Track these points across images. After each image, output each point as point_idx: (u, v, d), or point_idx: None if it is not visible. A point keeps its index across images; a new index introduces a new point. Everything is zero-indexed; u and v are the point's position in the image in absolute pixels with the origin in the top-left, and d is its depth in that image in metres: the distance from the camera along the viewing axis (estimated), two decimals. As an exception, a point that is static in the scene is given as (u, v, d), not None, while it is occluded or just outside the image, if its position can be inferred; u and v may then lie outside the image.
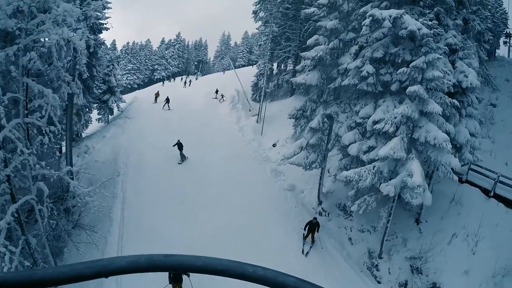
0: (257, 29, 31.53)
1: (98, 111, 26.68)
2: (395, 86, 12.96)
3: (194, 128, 24.53)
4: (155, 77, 68.21)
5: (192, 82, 47.84)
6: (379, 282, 13.12)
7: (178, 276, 10.39)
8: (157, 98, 34.06)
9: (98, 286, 10.46)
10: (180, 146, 19.94)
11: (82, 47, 12.18)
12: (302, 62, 15.39)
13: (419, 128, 12.05)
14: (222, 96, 32.86)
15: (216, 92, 33.89)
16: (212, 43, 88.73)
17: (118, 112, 29.05)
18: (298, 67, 15.93)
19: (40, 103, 10.55)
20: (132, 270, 0.62)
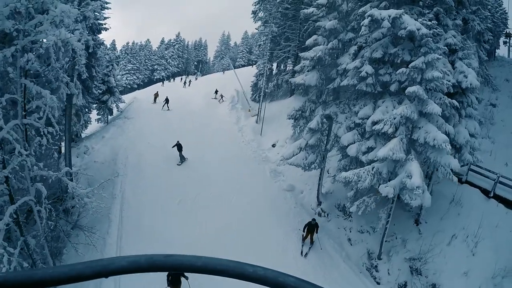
0: (256, 29, 31.57)
1: (98, 111, 26.65)
2: (394, 87, 12.93)
3: (194, 128, 24.52)
4: (155, 77, 68.20)
5: (192, 82, 47.86)
6: (378, 283, 13.10)
7: (176, 279, 10.34)
8: (156, 98, 34.04)
9: (97, 286, 10.46)
10: (180, 147, 19.89)
11: (80, 48, 12.14)
12: (301, 63, 15.38)
13: (418, 129, 12.01)
14: (222, 96, 32.86)
15: (216, 92, 33.90)
16: (212, 43, 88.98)
17: (117, 113, 29.01)
18: (297, 68, 15.91)
19: (38, 104, 10.51)
20: (133, 270, 0.62)
